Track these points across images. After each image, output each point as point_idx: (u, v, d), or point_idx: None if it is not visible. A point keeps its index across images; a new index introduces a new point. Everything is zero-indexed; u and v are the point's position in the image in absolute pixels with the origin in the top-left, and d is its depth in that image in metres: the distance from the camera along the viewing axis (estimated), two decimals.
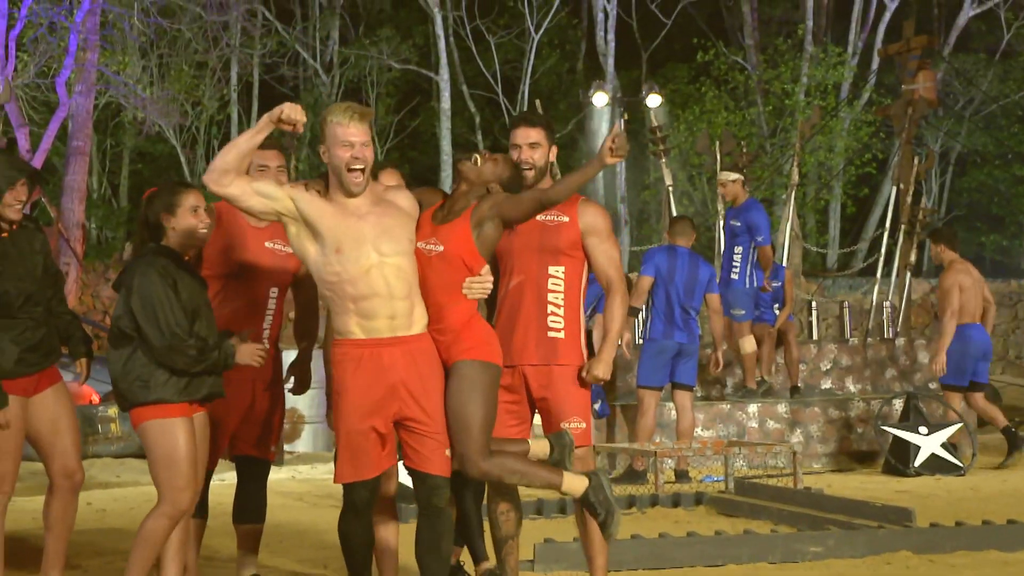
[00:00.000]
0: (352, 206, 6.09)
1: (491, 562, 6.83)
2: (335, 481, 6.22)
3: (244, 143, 6.02)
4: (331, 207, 6.09)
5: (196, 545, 6.93)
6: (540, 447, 6.36)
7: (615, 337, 6.49)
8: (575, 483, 6.24)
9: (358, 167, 6.05)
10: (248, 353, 6.34)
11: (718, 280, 13.47)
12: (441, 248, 6.13)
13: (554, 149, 6.72)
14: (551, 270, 6.49)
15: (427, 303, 6.16)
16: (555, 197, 6.19)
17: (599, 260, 6.54)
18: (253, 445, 7.05)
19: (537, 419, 6.64)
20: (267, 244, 6.99)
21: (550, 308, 6.48)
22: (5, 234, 6.55)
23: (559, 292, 6.50)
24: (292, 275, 7.11)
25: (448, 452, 6.14)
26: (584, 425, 6.49)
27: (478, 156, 6.20)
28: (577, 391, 6.50)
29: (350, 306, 6.05)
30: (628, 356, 12.84)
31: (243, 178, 6.05)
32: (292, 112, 6.00)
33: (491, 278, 6.26)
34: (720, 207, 16.31)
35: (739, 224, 13.80)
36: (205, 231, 6.39)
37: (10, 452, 6.55)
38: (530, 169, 6.55)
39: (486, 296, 6.28)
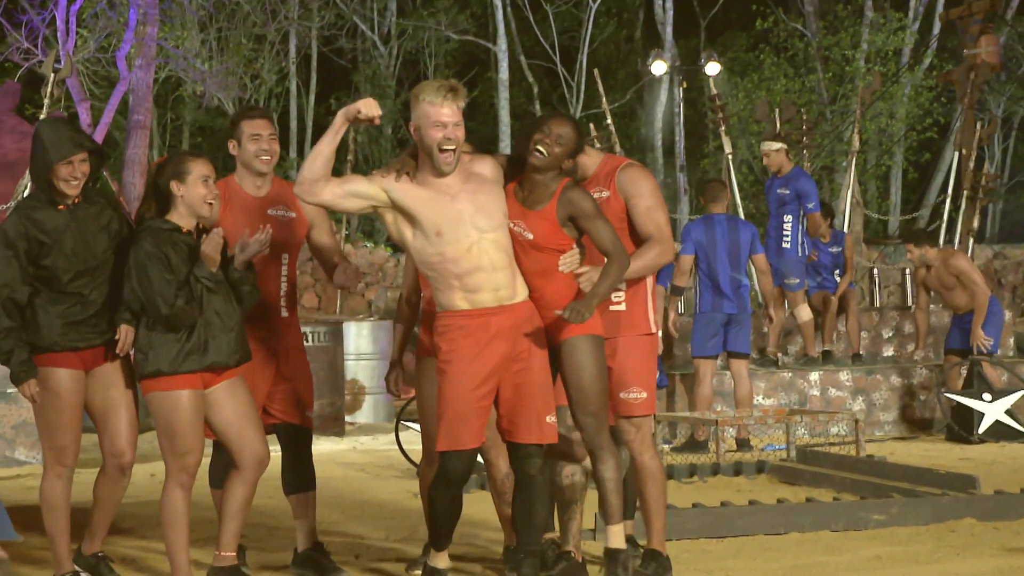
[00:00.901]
0: (444, 186, 6.14)
1: (554, 532, 6.85)
2: (435, 448, 6.22)
3: (327, 148, 6.10)
4: (424, 192, 6.12)
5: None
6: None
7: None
8: (616, 538, 6.37)
9: (450, 147, 6.11)
10: (210, 243, 6.39)
11: (769, 249, 13.43)
12: (531, 236, 6.20)
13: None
14: None
15: (531, 273, 6.24)
16: (623, 258, 6.17)
17: (637, 220, 6.48)
18: (288, 413, 7.08)
19: None
20: (270, 212, 7.05)
21: None
22: (62, 207, 6.54)
23: None
24: (301, 241, 7.17)
25: (549, 419, 6.22)
26: (644, 395, 6.55)
27: (542, 148, 6.19)
28: (639, 361, 6.52)
29: (455, 283, 6.13)
30: (675, 335, 12.80)
31: (332, 182, 6.14)
32: (369, 109, 6.06)
33: (579, 252, 6.30)
34: None
35: (788, 192, 13.74)
36: (212, 203, 6.49)
37: (66, 425, 6.55)
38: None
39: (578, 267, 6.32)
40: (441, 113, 6.08)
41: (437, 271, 6.14)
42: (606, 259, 6.18)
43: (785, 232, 13.74)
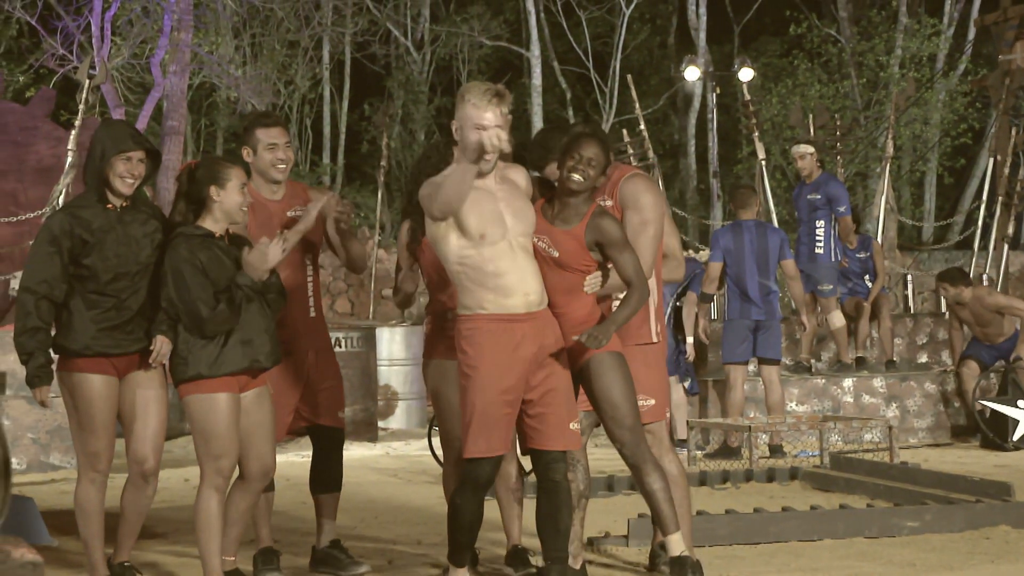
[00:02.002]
0: (485, 187, 6.16)
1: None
2: (464, 455, 6.20)
3: (470, 179, 6.04)
4: (469, 195, 6.10)
5: (266, 519, 7.15)
6: None
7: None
8: (678, 545, 6.43)
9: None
10: (256, 254, 6.46)
11: (801, 255, 13.42)
12: (556, 254, 6.22)
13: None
14: None
15: (554, 292, 6.25)
16: (644, 290, 6.21)
17: (629, 234, 6.41)
18: (320, 414, 7.15)
19: None
20: (289, 214, 7.12)
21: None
22: (111, 206, 6.56)
23: None
24: (321, 239, 7.23)
25: (573, 426, 6.23)
26: (652, 402, 6.61)
27: (579, 175, 6.19)
28: (640, 370, 6.51)
29: (488, 283, 6.10)
30: (705, 341, 12.84)
31: None
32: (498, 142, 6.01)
33: (601, 273, 6.33)
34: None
35: (819, 197, 13.72)
36: (246, 210, 6.57)
37: (98, 431, 6.54)
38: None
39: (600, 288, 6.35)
40: (484, 117, 6.12)
41: (470, 269, 6.12)
42: (627, 287, 6.21)
43: (818, 238, 13.71)
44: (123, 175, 6.49)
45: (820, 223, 13.73)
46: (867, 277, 14.54)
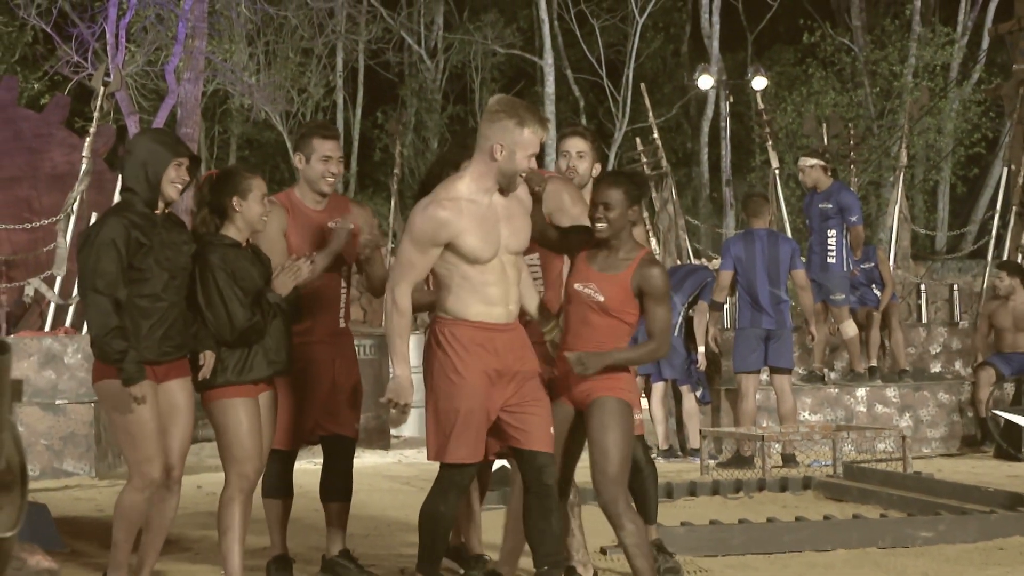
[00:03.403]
0: (491, 202, 6.11)
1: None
2: (446, 460, 6.13)
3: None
4: (471, 221, 6.04)
5: (282, 526, 7.19)
6: None
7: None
8: None
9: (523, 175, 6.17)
10: (281, 281, 6.60)
11: (813, 265, 13.41)
12: (601, 299, 6.17)
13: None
14: None
15: (589, 339, 6.18)
16: (662, 347, 6.24)
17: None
18: (338, 424, 7.19)
19: None
20: (330, 224, 7.16)
21: None
22: (157, 211, 6.57)
23: None
24: (355, 255, 7.26)
25: (551, 430, 6.19)
26: None
27: (600, 224, 6.19)
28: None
29: (475, 291, 6.07)
30: (716, 350, 12.85)
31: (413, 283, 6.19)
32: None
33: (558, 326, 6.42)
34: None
35: (830, 206, 13.69)
36: (266, 220, 6.69)
37: (150, 436, 6.44)
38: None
39: None
40: (536, 144, 6.11)
41: (460, 277, 6.07)
42: (649, 338, 6.20)
43: (830, 247, 13.69)
44: (174, 181, 6.52)
45: (832, 232, 13.70)
46: (874, 286, 14.51)
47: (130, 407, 6.34)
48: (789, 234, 16.13)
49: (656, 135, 18.64)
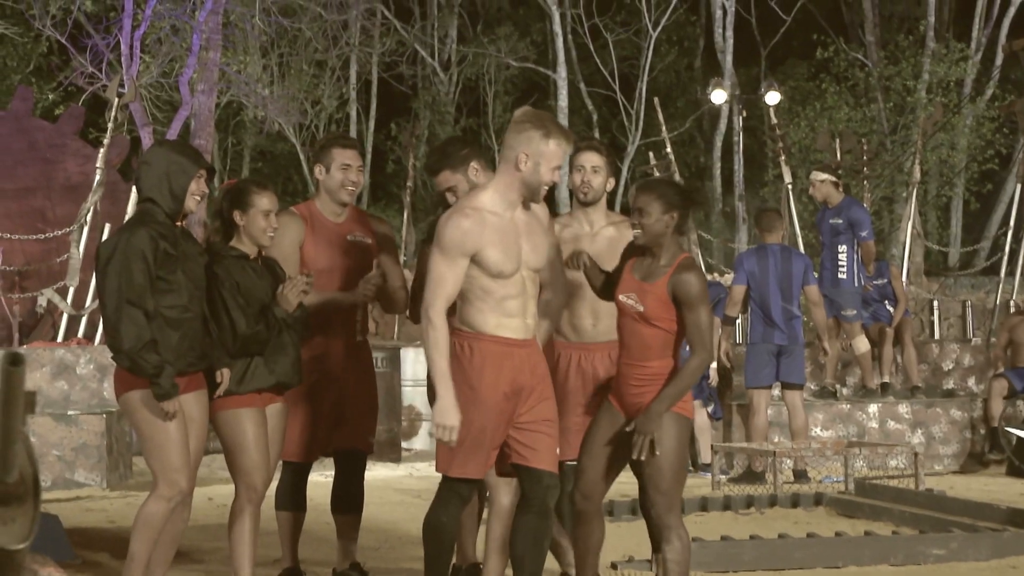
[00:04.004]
0: (513, 218, 6.09)
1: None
2: (451, 474, 6.14)
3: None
4: (494, 234, 6.02)
5: (294, 539, 7.16)
6: None
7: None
8: None
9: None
10: (285, 297, 6.62)
11: (825, 280, 13.39)
12: (641, 308, 6.11)
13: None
14: None
15: (638, 351, 6.12)
16: (705, 358, 6.11)
17: None
18: (352, 438, 7.20)
19: None
20: (349, 238, 7.18)
21: None
22: (178, 223, 6.57)
23: None
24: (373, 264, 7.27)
25: (556, 451, 6.17)
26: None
27: (636, 231, 6.14)
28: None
29: (495, 305, 6.04)
30: (728, 365, 12.85)
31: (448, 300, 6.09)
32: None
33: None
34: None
35: (841, 222, 13.68)
36: (272, 236, 6.67)
37: (177, 446, 6.38)
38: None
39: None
40: (561, 157, 6.08)
41: (480, 289, 6.03)
42: (690, 351, 6.08)
43: (841, 263, 13.67)
44: (194, 193, 6.52)
45: (843, 248, 13.69)
46: (887, 302, 14.49)
47: (160, 419, 6.32)
48: (802, 249, 16.12)
49: (669, 149, 18.63)
